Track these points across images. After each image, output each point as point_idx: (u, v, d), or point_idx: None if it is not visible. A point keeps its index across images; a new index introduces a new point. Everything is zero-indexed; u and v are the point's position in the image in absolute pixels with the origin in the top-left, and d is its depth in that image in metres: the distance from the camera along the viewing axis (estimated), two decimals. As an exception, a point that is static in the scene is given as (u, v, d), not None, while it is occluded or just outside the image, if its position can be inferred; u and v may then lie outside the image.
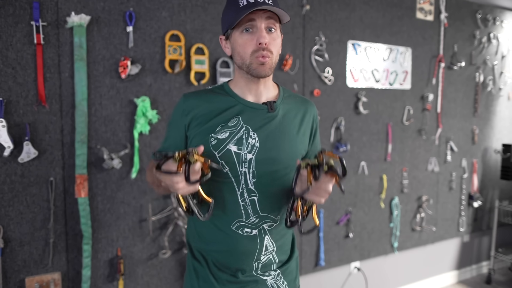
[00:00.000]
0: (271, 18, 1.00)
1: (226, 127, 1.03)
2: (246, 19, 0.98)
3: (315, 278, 2.41)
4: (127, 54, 1.77)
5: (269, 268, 1.13)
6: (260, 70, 1.01)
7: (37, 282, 1.67)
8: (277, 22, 1.03)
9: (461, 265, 3.14)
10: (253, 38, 0.99)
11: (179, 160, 0.89)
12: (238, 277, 1.09)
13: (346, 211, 2.46)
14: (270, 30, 1.01)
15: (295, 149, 1.09)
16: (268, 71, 1.02)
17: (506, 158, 2.97)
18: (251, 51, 1.00)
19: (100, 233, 1.79)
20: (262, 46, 0.98)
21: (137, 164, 1.81)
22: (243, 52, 1.01)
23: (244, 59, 1.02)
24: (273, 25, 1.01)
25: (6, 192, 1.60)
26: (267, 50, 0.99)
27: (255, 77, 1.04)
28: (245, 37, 1.00)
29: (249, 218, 1.06)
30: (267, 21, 0.99)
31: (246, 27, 0.99)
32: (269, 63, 1.01)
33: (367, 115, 2.47)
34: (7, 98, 1.57)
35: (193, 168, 0.90)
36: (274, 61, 1.03)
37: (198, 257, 1.14)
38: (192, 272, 1.14)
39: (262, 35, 0.98)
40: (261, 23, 0.98)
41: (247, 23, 0.99)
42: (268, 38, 0.99)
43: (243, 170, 1.03)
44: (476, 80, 2.95)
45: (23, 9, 1.57)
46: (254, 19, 0.98)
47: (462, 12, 2.82)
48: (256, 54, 0.99)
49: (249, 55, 1.01)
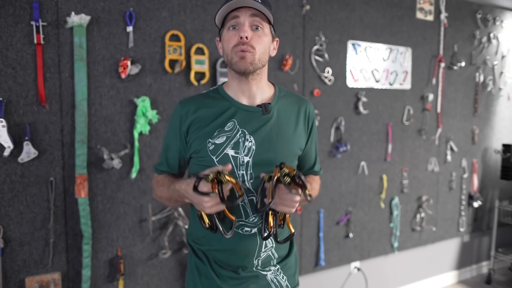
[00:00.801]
0: (257, 16, 1.02)
1: (223, 132, 1.05)
2: (231, 16, 1.02)
3: (315, 278, 2.42)
4: (127, 54, 1.77)
5: (268, 264, 1.14)
6: (240, 64, 1.02)
7: (37, 282, 1.67)
8: (265, 22, 1.05)
9: (461, 265, 3.14)
10: (236, 34, 1.02)
11: (211, 180, 0.90)
12: (239, 273, 1.11)
13: (346, 211, 2.46)
14: (256, 28, 1.03)
15: (291, 149, 1.11)
16: (249, 66, 1.03)
17: (506, 158, 2.97)
18: (232, 45, 1.02)
19: (100, 233, 1.79)
20: (243, 40, 1.00)
21: (137, 164, 1.81)
22: (226, 47, 1.04)
23: (227, 54, 1.04)
24: (258, 23, 1.03)
25: (6, 192, 1.60)
26: (247, 44, 1.01)
27: (240, 75, 1.06)
28: (230, 33, 1.03)
29: (248, 218, 1.08)
30: (252, 18, 1.02)
31: (231, 24, 1.03)
32: (250, 58, 1.02)
33: (367, 115, 2.47)
34: (7, 98, 1.57)
35: (225, 188, 0.91)
36: (258, 58, 1.04)
37: (200, 255, 1.15)
38: (194, 269, 1.15)
39: (243, 29, 1.01)
40: (244, 20, 1.01)
41: (232, 19, 1.02)
42: (251, 34, 1.02)
43: (240, 173, 1.05)
44: (476, 80, 2.95)
45: (23, 9, 1.57)
46: (238, 16, 1.01)
47: (462, 12, 2.82)
48: (236, 49, 1.02)
49: (230, 50, 1.03)
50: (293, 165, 1.14)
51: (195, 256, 1.16)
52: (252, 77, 1.07)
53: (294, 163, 1.14)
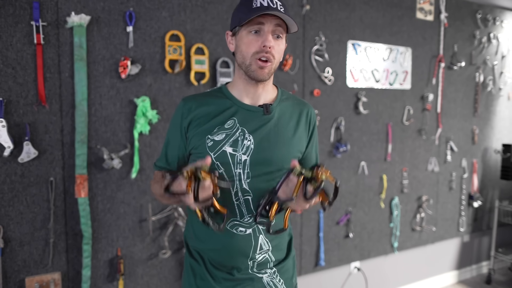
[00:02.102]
0: (280, 26, 1.02)
1: (223, 129, 1.05)
2: (256, 21, 1.01)
3: (315, 278, 2.42)
4: (127, 54, 1.77)
5: (265, 267, 1.14)
6: (259, 74, 1.03)
7: (37, 282, 1.67)
8: (285, 31, 1.05)
9: (461, 265, 3.14)
10: (258, 40, 1.02)
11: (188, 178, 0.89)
12: (234, 275, 1.11)
13: (346, 211, 2.46)
14: (277, 37, 1.03)
15: (290, 151, 1.10)
16: (266, 76, 1.04)
17: (506, 158, 2.97)
18: (253, 51, 1.02)
19: (100, 233, 1.79)
20: (266, 49, 1.01)
21: (137, 164, 1.81)
22: (245, 51, 1.03)
23: (245, 58, 1.04)
24: (280, 33, 1.04)
25: (6, 192, 1.60)
26: (269, 53, 1.02)
27: (252, 80, 1.06)
28: (251, 37, 1.02)
29: (243, 217, 1.08)
30: (276, 28, 1.02)
31: (254, 28, 1.02)
32: (269, 68, 1.04)
33: (367, 115, 2.47)
34: (7, 98, 1.57)
35: (202, 186, 0.90)
36: (274, 66, 1.05)
37: (195, 256, 1.15)
38: (189, 270, 1.16)
39: (268, 38, 1.01)
40: (269, 28, 1.01)
41: (256, 24, 1.01)
42: (273, 43, 1.02)
43: (237, 171, 1.05)
44: (476, 80, 2.95)
45: (23, 9, 1.57)
46: (263, 23, 1.01)
47: (462, 12, 2.82)
48: (257, 56, 1.02)
49: (250, 55, 1.03)
50: None
51: (190, 257, 1.17)
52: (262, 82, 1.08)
53: None
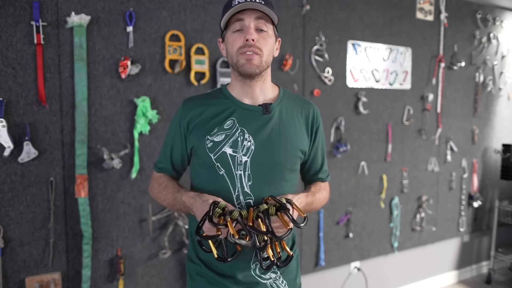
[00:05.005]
0: (261, 19, 1.02)
1: (222, 130, 1.04)
2: (235, 18, 1.01)
3: (315, 278, 2.41)
4: (127, 54, 1.77)
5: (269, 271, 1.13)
6: (247, 68, 1.02)
7: (37, 282, 1.67)
8: (269, 23, 1.05)
9: (461, 265, 3.14)
10: (241, 36, 1.02)
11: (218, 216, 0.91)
12: (236, 279, 1.09)
13: (346, 211, 2.46)
14: (260, 31, 1.03)
15: (291, 151, 1.09)
16: (255, 68, 1.03)
17: (506, 158, 2.97)
18: (237, 47, 1.02)
19: (100, 233, 1.79)
20: (249, 42, 1.00)
21: (137, 164, 1.81)
22: (231, 49, 1.04)
23: (232, 56, 1.04)
24: (263, 25, 1.03)
25: (6, 192, 1.60)
26: (254, 46, 1.01)
27: (244, 77, 1.05)
28: (235, 35, 1.03)
29: None
30: (257, 21, 1.02)
31: (237, 27, 1.02)
32: (257, 60, 1.02)
33: (367, 115, 2.47)
34: (7, 98, 1.57)
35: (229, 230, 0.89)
36: (264, 60, 1.04)
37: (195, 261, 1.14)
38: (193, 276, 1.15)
39: (249, 32, 1.01)
40: (250, 22, 1.01)
41: (236, 22, 1.02)
42: (257, 36, 1.01)
43: (238, 173, 1.03)
44: (476, 80, 2.94)
45: (23, 9, 1.57)
46: (243, 19, 1.01)
47: (462, 12, 2.82)
48: (242, 50, 1.01)
49: (235, 52, 1.03)
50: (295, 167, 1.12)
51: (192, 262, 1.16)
52: (256, 79, 1.07)
53: (295, 165, 1.12)
